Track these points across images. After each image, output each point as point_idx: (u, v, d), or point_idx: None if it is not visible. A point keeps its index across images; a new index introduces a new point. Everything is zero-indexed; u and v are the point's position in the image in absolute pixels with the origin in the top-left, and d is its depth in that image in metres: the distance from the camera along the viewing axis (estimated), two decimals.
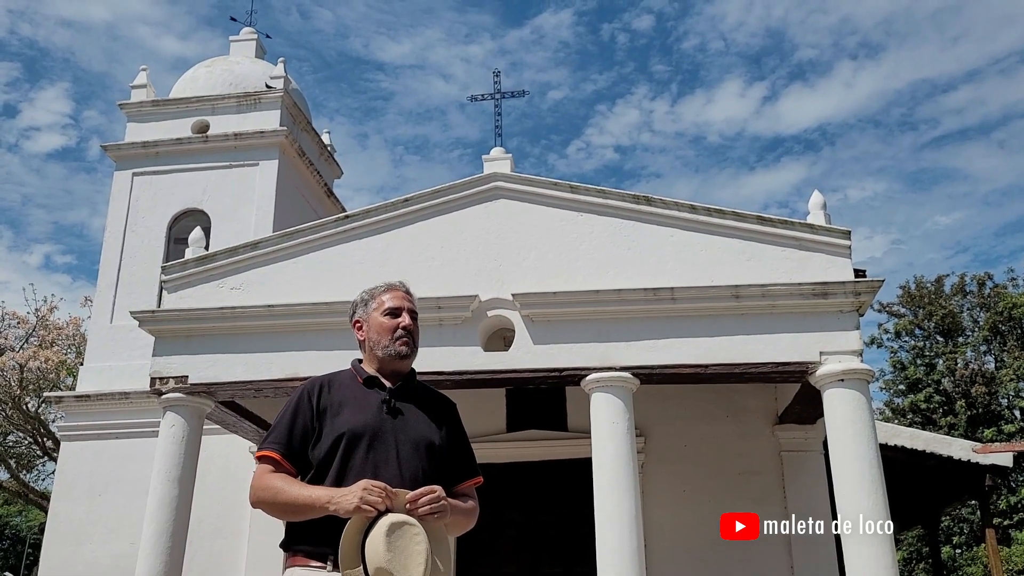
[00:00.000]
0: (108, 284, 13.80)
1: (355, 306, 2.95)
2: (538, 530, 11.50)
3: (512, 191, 9.87)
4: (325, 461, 2.61)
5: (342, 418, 2.66)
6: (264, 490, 2.57)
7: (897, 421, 27.33)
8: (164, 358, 9.72)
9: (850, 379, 8.61)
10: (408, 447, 2.68)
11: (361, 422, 2.65)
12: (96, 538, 12.32)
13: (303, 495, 2.50)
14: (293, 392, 2.80)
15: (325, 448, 2.62)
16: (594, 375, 8.99)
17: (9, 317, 22.00)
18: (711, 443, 11.26)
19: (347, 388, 2.76)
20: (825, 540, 10.63)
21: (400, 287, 2.94)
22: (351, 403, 2.70)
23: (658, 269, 9.24)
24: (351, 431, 2.62)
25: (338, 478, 2.56)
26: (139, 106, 15.04)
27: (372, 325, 2.85)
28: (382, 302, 2.87)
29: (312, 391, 2.73)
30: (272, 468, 2.61)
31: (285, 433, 2.66)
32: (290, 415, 2.69)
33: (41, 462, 23.50)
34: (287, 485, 2.55)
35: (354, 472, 2.57)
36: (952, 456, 12.46)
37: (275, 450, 2.63)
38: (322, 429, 2.66)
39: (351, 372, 2.85)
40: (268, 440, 2.68)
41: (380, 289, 2.94)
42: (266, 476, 2.60)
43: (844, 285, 8.80)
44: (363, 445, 2.62)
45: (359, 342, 2.91)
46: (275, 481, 2.57)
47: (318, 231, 10.00)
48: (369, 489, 2.41)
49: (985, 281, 30.68)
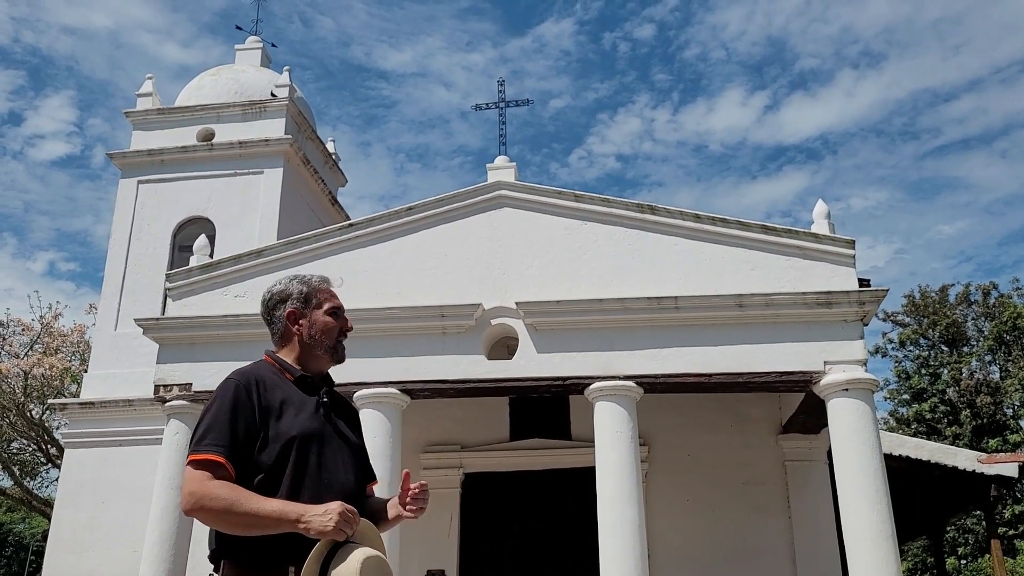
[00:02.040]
0: (113, 291, 13.83)
1: (287, 295, 2.69)
2: (541, 539, 11.47)
3: (516, 200, 9.88)
4: (276, 467, 2.41)
5: (287, 420, 2.47)
6: (214, 499, 2.30)
7: (901, 431, 27.23)
8: (168, 365, 9.73)
9: (854, 388, 8.59)
10: (346, 453, 2.59)
11: (307, 426, 2.49)
12: (99, 545, 12.31)
13: (269, 509, 2.28)
14: (218, 390, 2.50)
15: (275, 453, 2.42)
16: (598, 384, 8.98)
17: (14, 324, 22.06)
18: (715, 452, 11.23)
19: (279, 387, 2.55)
20: (829, 550, 10.60)
21: (334, 285, 2.79)
22: (291, 404, 2.52)
23: (662, 278, 9.24)
24: (301, 435, 2.45)
25: (294, 486, 2.40)
26: (144, 114, 15.09)
27: (316, 323, 2.67)
28: (324, 298, 2.71)
29: (249, 388, 2.48)
30: (211, 474, 2.34)
31: (227, 434, 2.38)
32: (228, 414, 2.41)
33: (45, 469, 23.54)
34: (243, 496, 2.30)
35: (309, 479, 2.43)
36: (957, 466, 12.41)
37: (219, 452, 2.35)
38: (267, 431, 2.44)
39: (274, 368, 2.63)
40: (207, 441, 2.38)
41: (316, 282, 2.74)
42: (211, 483, 2.32)
43: (848, 294, 8.79)
44: (314, 450, 2.47)
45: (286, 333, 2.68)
46: (224, 490, 2.31)
47: (322, 239, 10.02)
48: (345, 513, 2.28)
49: (990, 291, 30.62)
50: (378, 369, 9.27)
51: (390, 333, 9.37)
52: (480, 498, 11.60)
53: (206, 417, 2.45)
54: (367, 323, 9.25)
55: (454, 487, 11.53)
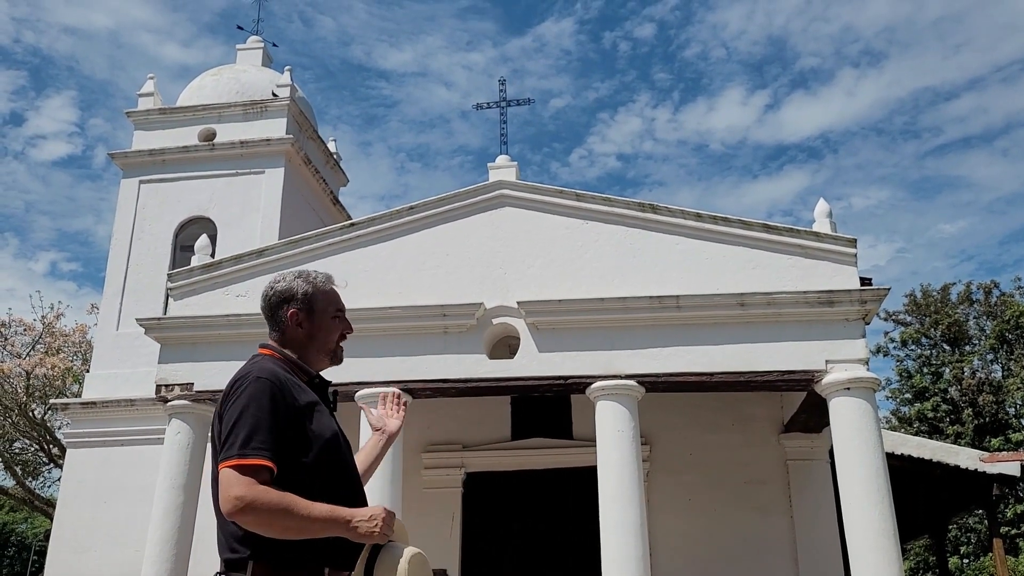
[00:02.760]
0: (114, 291, 13.84)
1: (292, 294, 2.65)
2: (542, 538, 11.47)
3: (517, 199, 9.88)
4: (315, 469, 2.41)
5: (318, 422, 2.47)
6: (269, 503, 2.25)
7: (903, 430, 27.21)
8: (170, 365, 9.74)
9: (856, 388, 8.59)
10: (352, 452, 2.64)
11: (334, 427, 2.52)
12: (101, 545, 12.32)
13: (321, 512, 2.28)
14: (250, 389, 2.43)
15: (315, 454, 2.41)
16: (599, 383, 8.98)
17: (16, 324, 22.06)
18: (717, 452, 11.22)
19: (300, 388, 2.53)
20: (831, 549, 10.60)
21: (335, 283, 2.77)
22: (315, 405, 2.52)
23: (663, 277, 9.23)
24: (334, 435, 2.49)
25: (332, 487, 2.41)
26: (146, 114, 15.10)
27: (322, 324, 2.66)
28: (330, 300, 2.70)
29: (282, 389, 2.44)
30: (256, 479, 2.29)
31: (270, 437, 2.34)
32: (268, 415, 2.37)
33: (47, 469, 23.55)
34: (292, 500, 2.28)
35: (343, 480, 2.47)
36: (959, 465, 12.41)
37: (267, 457, 2.31)
38: (302, 432, 2.42)
39: (286, 367, 2.58)
40: (253, 444, 2.32)
41: (320, 282, 2.70)
42: (262, 487, 2.28)
43: (850, 293, 8.79)
44: (342, 451, 2.51)
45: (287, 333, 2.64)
46: (274, 495, 2.27)
47: (323, 239, 10.03)
48: (388, 517, 2.32)
49: (991, 289, 30.59)
50: (379, 368, 9.27)
51: (391, 332, 9.37)
52: (482, 497, 11.60)
53: (244, 418, 2.37)
54: (368, 323, 9.25)
55: (456, 487, 11.54)
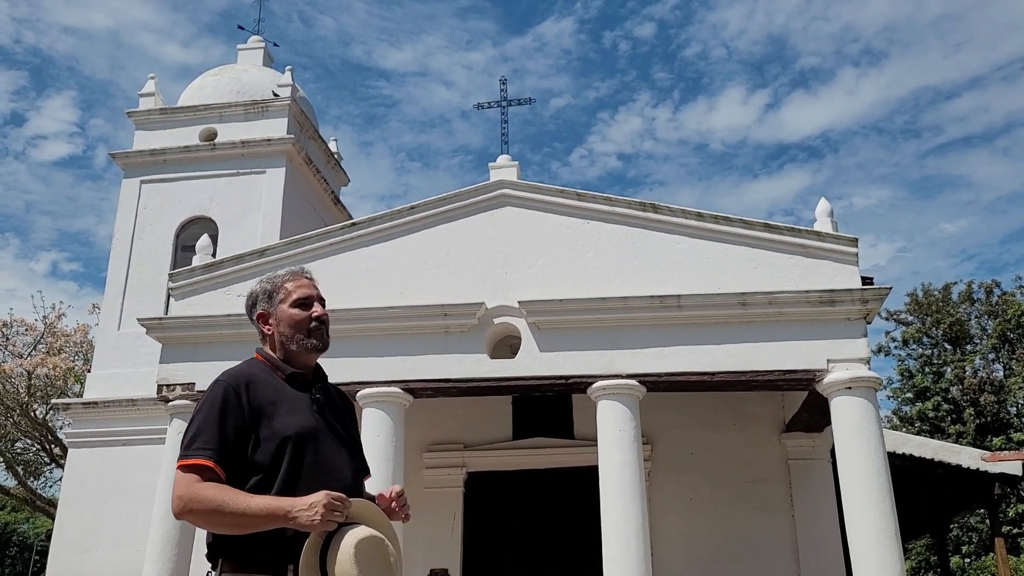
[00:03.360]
0: (116, 291, 13.85)
1: (256, 298, 2.71)
2: (543, 538, 11.47)
3: (519, 198, 9.88)
4: (271, 466, 2.41)
5: (281, 419, 2.47)
6: (201, 501, 2.31)
7: (905, 429, 27.20)
8: (171, 365, 9.75)
9: (858, 387, 8.58)
10: (343, 448, 2.58)
11: (302, 424, 2.49)
12: (103, 545, 12.33)
13: (259, 505, 2.29)
14: (208, 393, 2.51)
15: (270, 452, 2.42)
16: (600, 383, 8.98)
17: (17, 324, 22.07)
18: (718, 451, 11.22)
19: (271, 386, 2.55)
20: (832, 549, 10.59)
21: (304, 274, 2.75)
22: (283, 402, 2.52)
23: (665, 276, 9.23)
24: (297, 434, 2.45)
25: (288, 484, 2.39)
26: (147, 114, 15.11)
27: (282, 318, 2.64)
28: (289, 292, 2.67)
29: (237, 389, 2.48)
30: (199, 477, 2.35)
31: (216, 437, 2.39)
32: (217, 417, 2.42)
33: (48, 469, 23.57)
34: (232, 495, 2.31)
35: (306, 477, 2.42)
36: (961, 464, 12.40)
37: (207, 456, 2.36)
38: (259, 431, 2.44)
39: (266, 367, 2.63)
40: (195, 446, 2.39)
41: (283, 277, 2.71)
42: (197, 486, 2.33)
43: (851, 293, 8.78)
44: (310, 449, 2.46)
45: (263, 336, 2.70)
46: (210, 491, 2.31)
47: (324, 239, 10.03)
48: (331, 503, 2.26)
49: (993, 289, 30.54)
50: (381, 368, 9.26)
51: (393, 332, 9.37)
52: (483, 497, 11.61)
53: (195, 420, 2.46)
54: (370, 322, 9.26)
55: (457, 486, 11.54)
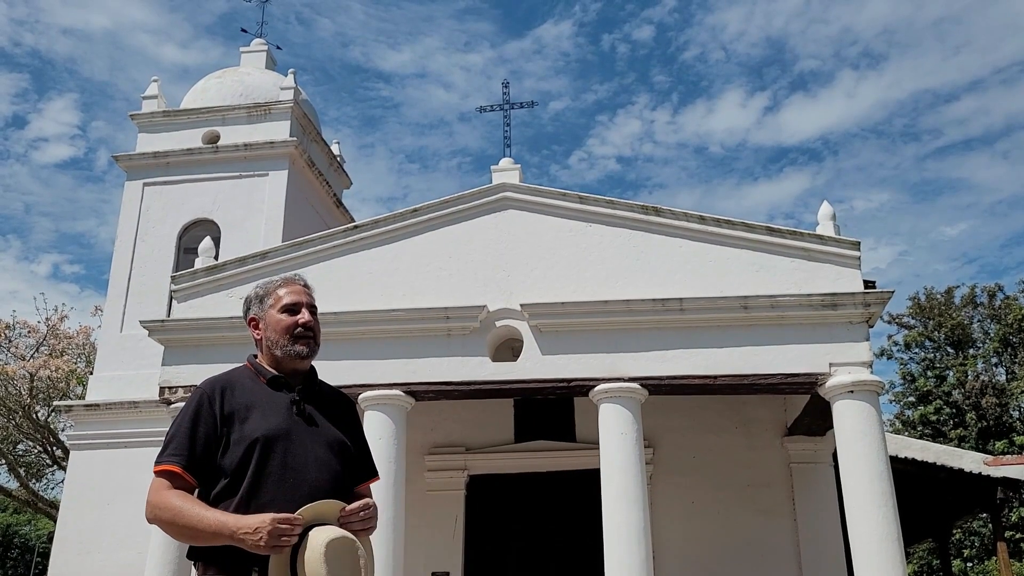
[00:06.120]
0: (118, 293, 13.86)
1: (249, 302, 2.77)
2: (545, 541, 11.47)
3: (521, 201, 9.88)
4: (238, 470, 2.44)
5: (252, 423, 2.50)
6: (163, 509, 2.39)
7: (907, 433, 27.16)
8: (173, 367, 9.75)
9: (860, 391, 8.57)
10: (322, 450, 2.56)
11: (273, 426, 2.50)
12: (104, 547, 12.33)
13: (206, 522, 2.33)
14: (188, 398, 2.59)
15: (237, 456, 2.45)
16: (602, 386, 8.98)
17: (20, 326, 22.10)
18: (720, 454, 11.21)
19: (250, 390, 2.59)
20: (835, 553, 10.58)
21: (297, 280, 2.77)
22: (259, 406, 2.55)
23: (667, 280, 9.23)
24: (265, 436, 2.47)
25: (253, 487, 2.42)
26: (150, 117, 15.12)
27: (269, 323, 2.68)
28: (279, 298, 2.70)
29: (212, 395, 2.54)
30: (169, 483, 2.43)
31: (186, 443, 2.46)
32: (189, 423, 2.49)
33: (50, 471, 23.59)
34: (188, 506, 2.37)
35: (271, 480, 2.44)
36: (963, 469, 12.38)
37: (175, 463, 2.43)
38: (230, 435, 2.48)
39: (251, 371, 2.68)
40: (167, 452, 2.47)
41: (276, 283, 2.75)
42: (164, 493, 2.41)
43: (854, 296, 8.78)
44: (278, 450, 2.47)
45: (255, 341, 2.75)
46: (173, 500, 2.39)
47: (327, 241, 10.03)
48: (275, 529, 2.27)
49: (995, 292, 30.51)
50: (383, 371, 9.27)
51: (395, 335, 9.37)
52: (485, 500, 11.60)
53: (171, 427, 2.54)
54: (372, 325, 9.26)
55: (459, 489, 11.53)
